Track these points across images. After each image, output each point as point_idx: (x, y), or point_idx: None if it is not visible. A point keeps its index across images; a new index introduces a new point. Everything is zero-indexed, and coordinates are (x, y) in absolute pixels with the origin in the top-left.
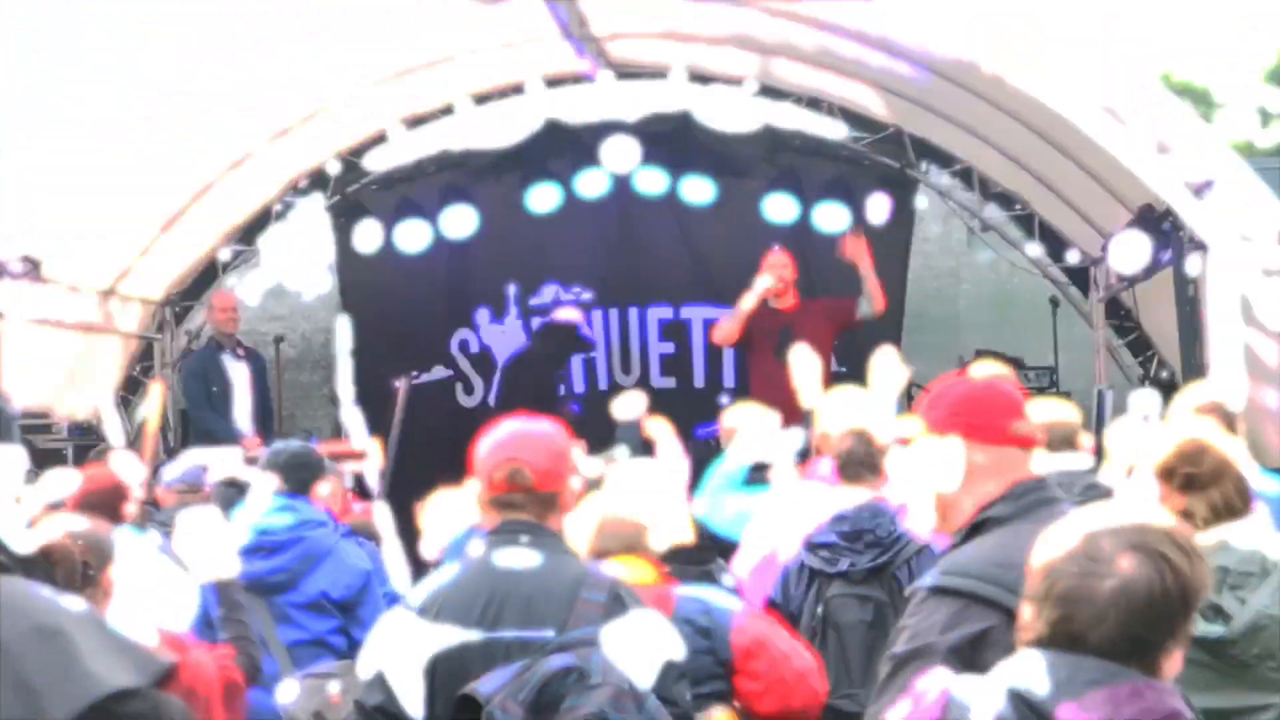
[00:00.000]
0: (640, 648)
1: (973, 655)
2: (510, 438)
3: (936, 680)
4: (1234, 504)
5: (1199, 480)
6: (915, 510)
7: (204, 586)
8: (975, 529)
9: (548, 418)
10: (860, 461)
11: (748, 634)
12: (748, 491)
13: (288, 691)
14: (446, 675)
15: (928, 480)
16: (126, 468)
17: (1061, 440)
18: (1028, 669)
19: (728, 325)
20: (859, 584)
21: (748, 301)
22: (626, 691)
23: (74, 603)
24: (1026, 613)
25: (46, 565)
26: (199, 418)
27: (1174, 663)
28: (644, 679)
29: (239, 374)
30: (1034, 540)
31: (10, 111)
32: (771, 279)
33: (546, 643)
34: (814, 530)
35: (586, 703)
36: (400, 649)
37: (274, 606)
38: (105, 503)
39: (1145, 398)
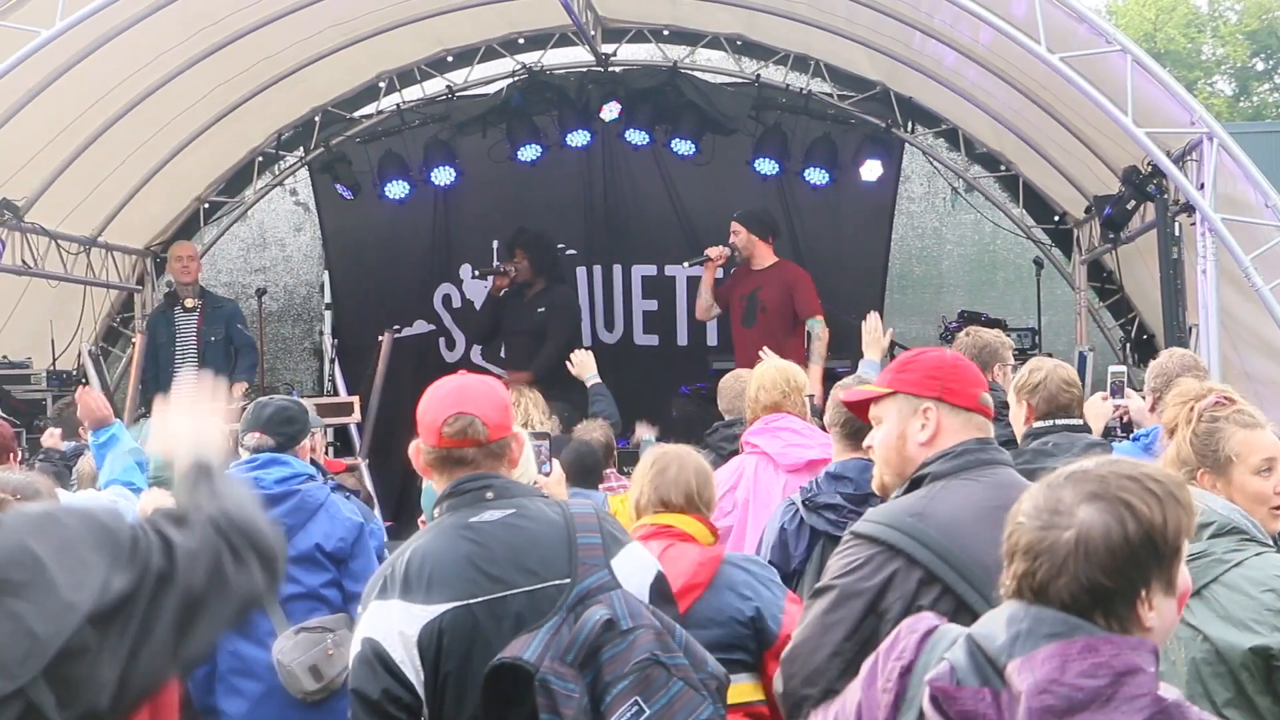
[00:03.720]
0: (645, 575)
1: (879, 598)
2: (456, 391)
3: (922, 621)
4: None
5: None
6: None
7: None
8: (915, 483)
9: None
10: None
11: (795, 619)
12: None
13: (283, 645)
14: (454, 644)
15: (892, 437)
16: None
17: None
18: (995, 619)
19: (700, 302)
20: None
21: (706, 278)
22: (661, 629)
23: None
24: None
25: None
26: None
27: (1156, 611)
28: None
29: (186, 327)
30: (963, 495)
31: None
32: (718, 249)
33: (559, 593)
34: (809, 488)
35: (633, 650)
36: (394, 627)
37: None
38: None
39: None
